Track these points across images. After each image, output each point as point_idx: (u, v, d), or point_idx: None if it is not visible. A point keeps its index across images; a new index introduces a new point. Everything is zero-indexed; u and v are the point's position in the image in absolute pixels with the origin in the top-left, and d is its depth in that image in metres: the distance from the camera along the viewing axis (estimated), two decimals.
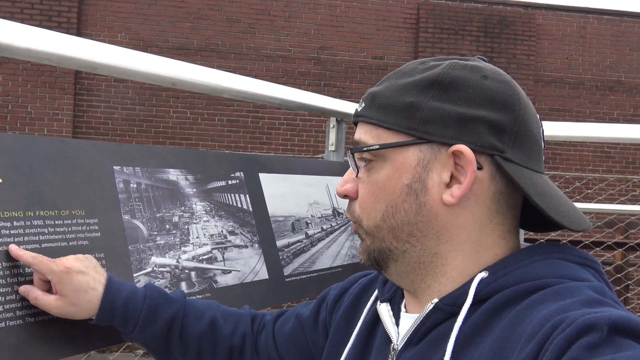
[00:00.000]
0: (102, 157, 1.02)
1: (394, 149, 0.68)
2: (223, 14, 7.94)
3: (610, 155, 8.66)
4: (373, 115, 0.70)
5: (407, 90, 0.68)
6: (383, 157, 0.69)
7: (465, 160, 0.64)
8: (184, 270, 1.07)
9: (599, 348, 0.49)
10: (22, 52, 0.98)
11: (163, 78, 1.23)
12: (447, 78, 0.67)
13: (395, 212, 0.68)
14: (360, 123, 0.73)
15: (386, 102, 0.69)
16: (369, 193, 0.71)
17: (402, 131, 0.67)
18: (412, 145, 0.67)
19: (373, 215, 0.70)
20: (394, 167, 0.68)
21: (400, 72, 0.72)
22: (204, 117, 7.83)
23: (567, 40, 8.71)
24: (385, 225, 0.69)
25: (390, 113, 0.68)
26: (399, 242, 0.69)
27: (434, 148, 0.66)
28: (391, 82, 0.71)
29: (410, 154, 0.67)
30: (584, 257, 0.67)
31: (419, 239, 0.68)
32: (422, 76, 0.68)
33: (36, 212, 0.88)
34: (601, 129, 1.90)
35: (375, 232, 0.70)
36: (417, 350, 0.66)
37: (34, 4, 7.39)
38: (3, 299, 0.80)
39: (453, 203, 0.66)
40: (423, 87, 0.67)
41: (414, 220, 0.67)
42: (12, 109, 7.35)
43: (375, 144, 0.69)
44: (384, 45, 8.30)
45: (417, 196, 0.67)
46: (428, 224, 0.67)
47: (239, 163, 1.32)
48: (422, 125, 0.66)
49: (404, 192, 0.67)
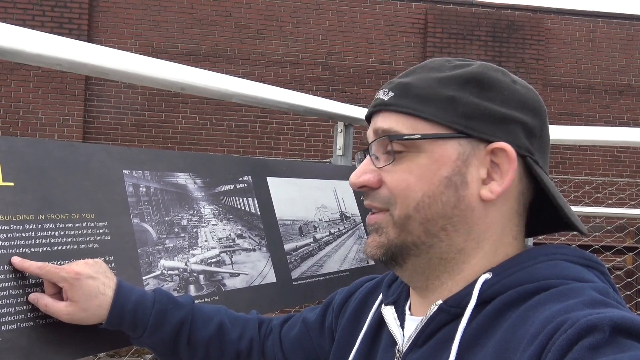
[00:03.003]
0: (112, 161, 1.03)
1: (432, 140, 0.67)
2: (232, 20, 7.99)
3: (620, 160, 8.60)
4: (409, 105, 0.69)
5: (444, 84, 0.68)
6: (418, 148, 0.68)
7: (506, 158, 0.66)
8: (192, 274, 1.08)
9: (601, 349, 0.49)
10: (33, 58, 1.00)
11: (172, 83, 1.24)
12: (485, 77, 0.68)
13: (432, 203, 0.67)
14: (386, 112, 0.71)
15: (424, 93, 0.68)
16: (402, 180, 0.68)
17: (444, 124, 0.67)
18: (453, 138, 0.67)
19: (406, 203, 0.67)
20: (431, 158, 0.67)
21: (427, 67, 0.72)
22: (212, 122, 7.87)
23: (576, 44, 8.67)
24: (419, 216, 0.67)
25: (429, 104, 0.68)
26: (427, 236, 0.68)
27: (473, 144, 0.67)
28: (423, 75, 0.70)
29: (450, 147, 0.67)
30: (588, 258, 0.67)
31: (449, 233, 0.67)
32: (457, 72, 0.69)
33: (47, 215, 0.89)
34: (611, 133, 1.89)
35: (405, 224, 0.68)
36: (422, 353, 0.66)
37: (45, 11, 7.48)
38: (15, 301, 0.81)
39: (492, 199, 0.67)
40: (461, 83, 0.68)
41: (450, 213, 0.67)
42: (23, 115, 7.43)
43: (413, 134, 0.68)
44: (392, 50, 8.31)
45: (456, 189, 0.67)
46: (462, 219, 0.67)
47: (247, 167, 1.32)
48: (464, 119, 0.67)
49: (443, 184, 0.67)
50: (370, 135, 0.73)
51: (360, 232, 1.57)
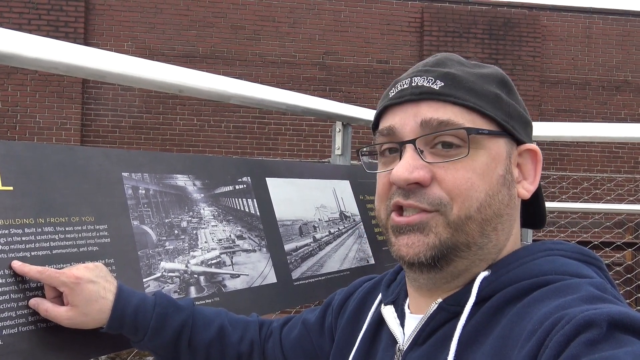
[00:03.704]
0: (111, 164, 1.03)
1: (491, 137, 0.66)
2: (228, 21, 7.99)
3: (618, 155, 8.61)
4: (467, 98, 0.66)
5: (487, 81, 0.68)
6: (478, 144, 0.65)
7: (532, 159, 0.70)
8: (192, 275, 1.08)
9: (599, 344, 0.49)
10: (30, 62, 1.00)
11: (170, 85, 1.24)
12: (508, 80, 0.71)
13: (492, 203, 0.65)
14: (438, 102, 0.66)
15: (476, 88, 0.66)
16: (464, 179, 0.64)
17: (499, 121, 0.66)
18: (503, 136, 0.67)
19: (468, 203, 0.64)
20: (490, 155, 0.66)
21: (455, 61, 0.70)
22: (210, 124, 7.87)
23: (573, 40, 8.68)
24: (479, 216, 0.64)
25: (482, 100, 0.66)
26: (482, 237, 0.65)
27: (512, 143, 0.69)
28: (461, 69, 0.68)
29: (502, 144, 0.67)
30: (586, 254, 0.67)
31: (498, 233, 0.67)
32: (488, 71, 0.70)
33: (47, 219, 0.89)
34: (609, 129, 1.89)
35: (463, 224, 0.64)
36: (422, 351, 0.66)
37: (41, 15, 7.47)
38: (15, 305, 0.81)
39: (527, 197, 0.69)
40: (497, 82, 0.69)
41: (503, 212, 0.67)
42: (20, 119, 7.42)
43: (482, 129, 0.65)
44: (389, 50, 8.31)
45: (509, 188, 0.67)
46: (510, 217, 0.68)
47: (245, 168, 1.32)
48: (509, 118, 0.68)
49: (500, 182, 0.66)
50: (409, 126, 0.67)
51: (359, 232, 1.57)
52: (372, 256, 1.56)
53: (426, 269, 0.66)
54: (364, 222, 1.60)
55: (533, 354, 0.53)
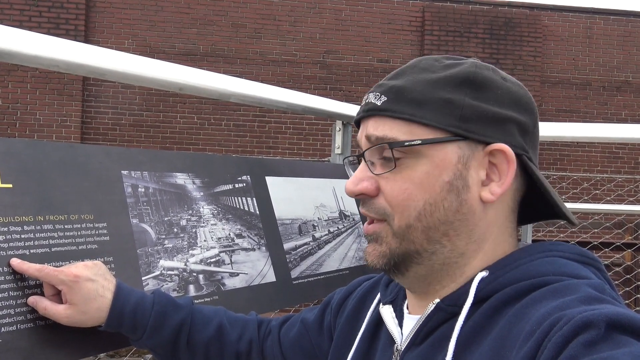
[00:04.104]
0: (111, 162, 1.03)
1: (432, 145, 0.66)
2: (229, 19, 7.98)
3: (618, 156, 8.61)
4: (405, 110, 0.66)
5: (439, 86, 0.67)
6: (417, 154, 0.66)
7: (505, 159, 0.66)
8: (192, 274, 1.08)
9: (597, 345, 0.49)
10: (30, 60, 1.00)
11: (171, 83, 1.24)
12: (478, 77, 0.68)
13: (434, 211, 0.66)
14: (379, 117, 0.69)
15: (420, 97, 0.66)
16: (401, 190, 0.66)
17: (442, 127, 0.66)
18: (452, 142, 0.66)
19: (407, 213, 0.66)
20: (432, 163, 0.66)
21: (418, 68, 0.70)
22: (210, 122, 7.87)
23: (574, 41, 8.68)
24: (420, 225, 0.66)
25: (425, 108, 0.66)
26: (430, 244, 0.67)
27: (472, 146, 0.67)
28: (414, 77, 0.68)
29: (450, 150, 0.66)
30: (584, 255, 0.67)
31: (452, 238, 0.67)
32: (450, 73, 0.68)
33: (46, 216, 0.89)
34: (609, 130, 1.89)
35: (406, 233, 0.67)
36: (420, 351, 0.66)
37: (41, 12, 7.47)
38: (14, 302, 0.81)
39: (492, 200, 0.67)
40: (456, 85, 0.67)
41: (452, 218, 0.66)
42: (20, 116, 7.42)
43: (413, 140, 0.66)
44: (390, 49, 8.31)
45: (458, 194, 0.66)
46: (464, 222, 0.67)
47: (245, 167, 1.32)
48: (462, 122, 0.66)
49: (445, 189, 0.66)
50: (363, 140, 0.71)
51: (359, 231, 1.57)
52: None
53: (390, 273, 0.70)
54: (364, 221, 1.60)
55: (531, 355, 0.52)
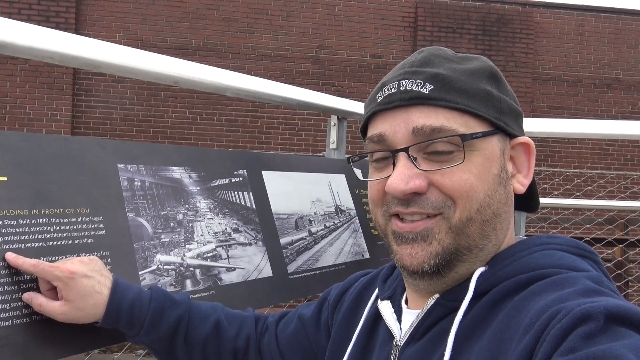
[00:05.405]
0: (106, 155, 1.02)
1: (482, 138, 0.65)
2: (221, 13, 7.93)
3: (608, 153, 8.67)
4: (459, 101, 0.64)
5: (476, 77, 0.67)
6: (472, 146, 0.64)
7: (525, 151, 0.69)
8: (188, 268, 1.07)
9: (596, 337, 0.49)
10: (24, 51, 0.98)
11: (166, 76, 1.23)
12: (497, 72, 0.70)
13: (491, 203, 0.65)
14: (429, 107, 0.64)
15: (467, 88, 0.65)
16: (462, 180, 0.63)
17: (491, 120, 0.65)
18: (496, 134, 0.67)
19: (469, 205, 0.63)
20: (484, 156, 0.65)
21: (442, 57, 0.68)
22: (202, 116, 7.82)
23: (565, 38, 8.71)
24: (480, 218, 0.64)
25: (474, 100, 0.65)
26: (481, 239, 0.65)
27: (505, 138, 0.68)
28: (450, 66, 0.67)
29: (495, 143, 0.66)
30: (582, 247, 0.67)
31: (497, 232, 0.67)
32: (476, 65, 0.68)
33: (41, 210, 0.88)
34: (599, 126, 1.91)
35: (464, 227, 0.64)
36: (419, 346, 0.66)
37: (31, 5, 7.38)
38: (9, 297, 0.80)
39: (522, 192, 0.69)
40: (487, 77, 0.68)
41: (500, 211, 0.66)
42: (10, 110, 7.34)
43: (475, 132, 0.64)
44: (383, 44, 8.30)
45: (505, 186, 0.67)
46: (507, 215, 0.67)
47: (242, 161, 1.31)
48: (501, 115, 0.67)
49: (495, 181, 0.66)
50: (402, 132, 0.65)
51: (355, 226, 1.57)
52: (367, 250, 1.56)
53: (428, 277, 0.66)
54: (359, 216, 1.60)
55: (530, 347, 0.53)
